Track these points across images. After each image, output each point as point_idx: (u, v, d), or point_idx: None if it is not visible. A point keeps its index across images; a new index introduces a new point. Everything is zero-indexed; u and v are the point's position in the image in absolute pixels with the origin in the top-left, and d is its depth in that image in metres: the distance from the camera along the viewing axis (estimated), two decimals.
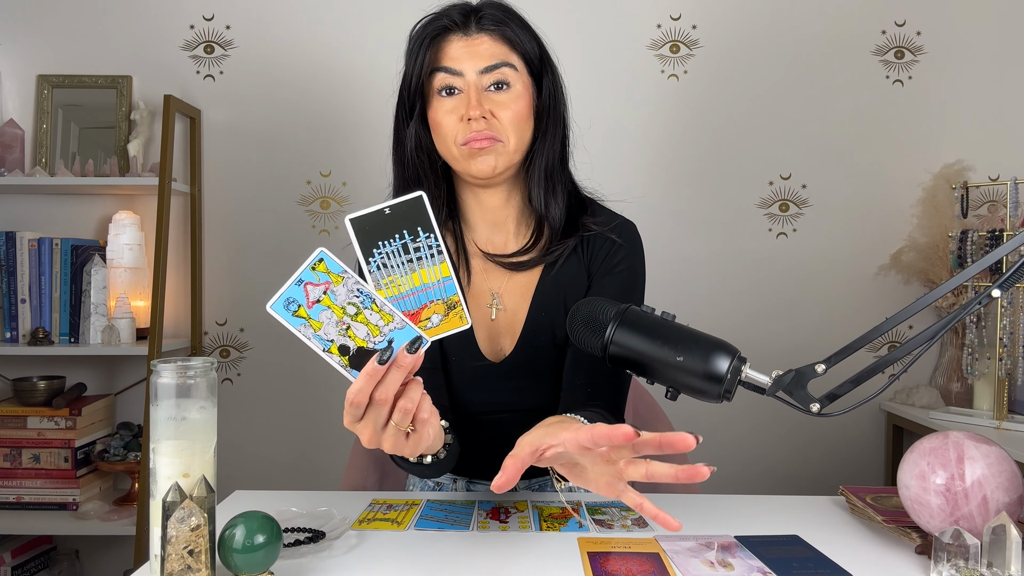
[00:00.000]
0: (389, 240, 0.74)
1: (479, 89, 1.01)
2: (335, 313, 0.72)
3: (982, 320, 1.96)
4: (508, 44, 1.03)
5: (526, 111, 1.03)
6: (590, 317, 0.85)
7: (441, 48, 1.03)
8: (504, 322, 1.09)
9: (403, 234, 0.74)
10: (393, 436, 0.75)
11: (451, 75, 1.01)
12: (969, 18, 2.25)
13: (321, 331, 0.72)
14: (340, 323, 0.72)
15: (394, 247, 0.74)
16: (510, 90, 1.02)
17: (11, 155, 2.17)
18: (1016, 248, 0.78)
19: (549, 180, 1.08)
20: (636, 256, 1.11)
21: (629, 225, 1.13)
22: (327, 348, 0.72)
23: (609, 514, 0.98)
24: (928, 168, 2.21)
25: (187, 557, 0.68)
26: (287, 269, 2.55)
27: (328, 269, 0.72)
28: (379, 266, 0.74)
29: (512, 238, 1.12)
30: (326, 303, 0.72)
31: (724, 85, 2.26)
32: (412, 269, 0.75)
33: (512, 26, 1.03)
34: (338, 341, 0.72)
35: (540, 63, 1.06)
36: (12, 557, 2.05)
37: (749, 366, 0.81)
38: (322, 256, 0.72)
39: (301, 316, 0.71)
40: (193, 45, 2.26)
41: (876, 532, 0.92)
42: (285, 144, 2.26)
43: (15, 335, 2.08)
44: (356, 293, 0.72)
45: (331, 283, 0.72)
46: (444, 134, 1.02)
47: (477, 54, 1.01)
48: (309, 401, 2.26)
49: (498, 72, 1.01)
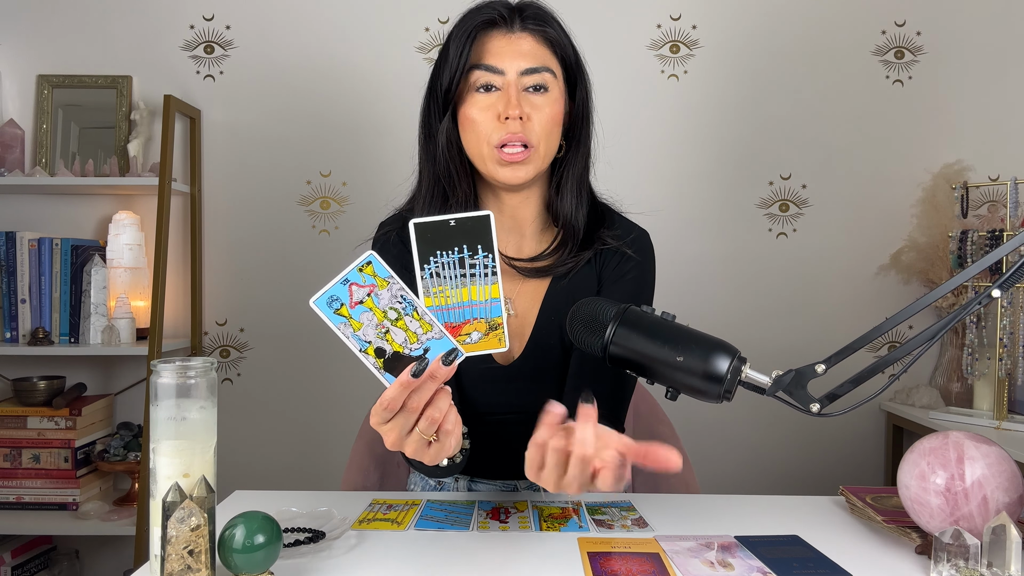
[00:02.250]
0: (448, 251, 0.75)
1: (518, 89, 1.00)
2: (376, 316, 0.73)
3: (982, 320, 1.96)
4: (550, 47, 1.03)
5: (559, 117, 1.03)
6: (590, 317, 0.85)
7: (483, 43, 1.02)
8: (514, 325, 1.09)
9: (462, 248, 0.75)
10: (416, 443, 0.76)
11: (491, 73, 1.00)
12: (969, 18, 2.25)
13: (360, 332, 0.73)
14: (380, 326, 0.73)
15: (451, 259, 0.75)
16: (547, 94, 1.01)
17: (11, 155, 2.17)
18: (1016, 248, 0.78)
19: (579, 192, 1.08)
20: (646, 266, 1.11)
21: (643, 236, 1.13)
22: (364, 349, 0.73)
23: (609, 514, 0.98)
24: (928, 168, 2.21)
25: (187, 557, 0.68)
26: (287, 269, 2.54)
27: (375, 272, 0.73)
28: (432, 274, 0.76)
29: (528, 241, 1.11)
30: (368, 305, 0.73)
31: (724, 85, 2.26)
32: (464, 284, 0.76)
33: (554, 27, 1.04)
34: (375, 343, 0.73)
35: (576, 70, 1.06)
36: (12, 557, 2.05)
37: (749, 366, 0.81)
38: (371, 259, 0.73)
39: (342, 315, 0.73)
40: (193, 45, 2.26)
41: (876, 532, 0.92)
42: (285, 144, 2.26)
43: (15, 335, 2.08)
44: (399, 299, 0.73)
45: (376, 286, 0.73)
46: (478, 131, 1.01)
47: (520, 53, 1.01)
48: (309, 401, 2.26)
49: (539, 76, 1.01)
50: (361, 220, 2.21)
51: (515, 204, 1.09)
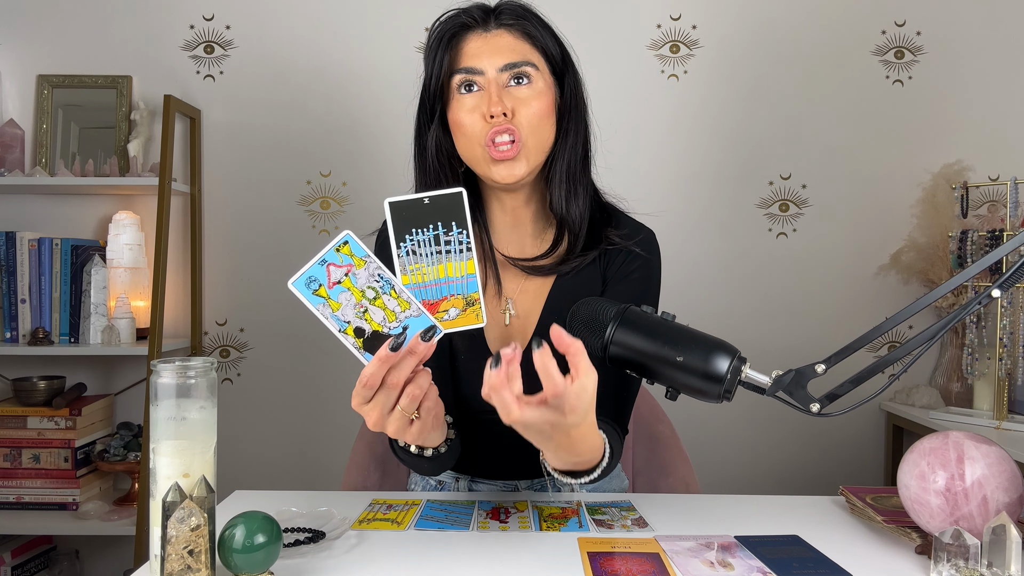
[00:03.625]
0: (423, 229, 0.76)
1: (499, 86, 0.98)
2: (354, 295, 0.74)
3: (982, 320, 1.96)
4: (529, 41, 1.02)
5: (548, 109, 1.01)
6: (590, 317, 0.85)
7: (459, 48, 1.01)
8: (516, 325, 1.08)
9: (437, 226, 0.76)
10: (398, 420, 0.77)
11: (471, 74, 0.99)
12: (969, 18, 2.25)
13: (339, 312, 0.73)
14: (358, 306, 0.74)
15: (426, 236, 0.76)
16: (531, 85, 1.00)
17: (11, 155, 2.17)
18: (1016, 248, 0.78)
19: (570, 183, 1.06)
20: (652, 266, 1.10)
21: (649, 236, 1.12)
22: (343, 329, 0.74)
23: (609, 514, 0.98)
24: (928, 168, 2.21)
25: (187, 557, 0.68)
26: (287, 269, 2.54)
27: (352, 252, 0.74)
28: (409, 251, 0.76)
29: (530, 240, 1.11)
30: (346, 285, 0.73)
31: (724, 85, 2.26)
32: (439, 261, 0.76)
33: (532, 22, 1.02)
34: (354, 323, 0.74)
35: (562, 62, 1.05)
36: (12, 557, 2.05)
37: (749, 366, 0.81)
38: (347, 239, 0.73)
39: (321, 295, 0.73)
40: (193, 45, 2.26)
41: (876, 532, 0.92)
42: (285, 144, 2.26)
43: (15, 335, 2.08)
44: (377, 278, 0.74)
45: (353, 266, 0.73)
46: (468, 134, 0.99)
47: (497, 49, 0.99)
48: (309, 401, 2.26)
49: (519, 69, 0.99)
50: (361, 220, 2.21)
51: (516, 205, 1.09)
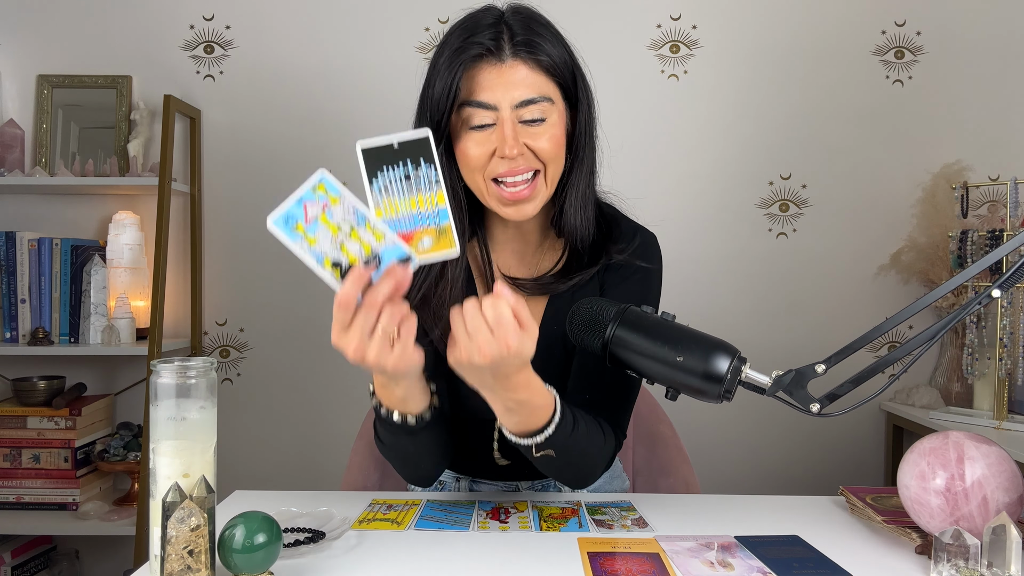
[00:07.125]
0: (393, 167, 0.79)
1: (514, 123, 0.93)
2: (331, 230, 0.76)
3: (982, 320, 1.96)
4: (545, 72, 0.96)
5: (560, 140, 0.97)
6: (590, 317, 0.85)
7: (472, 76, 0.94)
8: None
9: (407, 162, 0.79)
10: (379, 344, 0.77)
11: (483, 109, 0.93)
12: (969, 18, 2.25)
13: (316, 246, 0.76)
14: (335, 239, 0.76)
15: (397, 174, 0.79)
16: (546, 123, 0.95)
17: (11, 155, 2.17)
18: (1016, 248, 0.78)
19: (584, 208, 1.04)
20: (653, 268, 1.09)
21: (650, 240, 1.10)
22: (321, 262, 0.76)
23: (609, 514, 0.98)
24: (928, 168, 2.21)
25: (187, 557, 0.68)
26: (287, 269, 2.52)
27: (327, 191, 0.77)
28: (381, 188, 0.79)
29: (532, 256, 1.10)
30: (323, 220, 0.76)
31: (724, 85, 2.26)
32: (410, 194, 0.79)
33: (546, 45, 0.96)
34: (332, 256, 0.76)
35: (574, 85, 1.00)
36: (12, 557, 2.05)
37: (749, 366, 0.81)
38: (323, 179, 0.77)
39: (299, 232, 0.76)
40: (193, 45, 2.26)
41: (876, 532, 0.92)
42: (285, 144, 2.26)
43: (15, 335, 2.08)
44: (352, 212, 0.77)
45: (329, 203, 0.76)
46: (472, 167, 0.96)
47: (512, 83, 0.93)
48: (309, 401, 2.26)
49: (536, 107, 0.94)
50: None
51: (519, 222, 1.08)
